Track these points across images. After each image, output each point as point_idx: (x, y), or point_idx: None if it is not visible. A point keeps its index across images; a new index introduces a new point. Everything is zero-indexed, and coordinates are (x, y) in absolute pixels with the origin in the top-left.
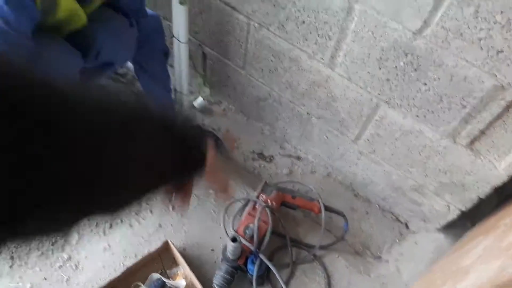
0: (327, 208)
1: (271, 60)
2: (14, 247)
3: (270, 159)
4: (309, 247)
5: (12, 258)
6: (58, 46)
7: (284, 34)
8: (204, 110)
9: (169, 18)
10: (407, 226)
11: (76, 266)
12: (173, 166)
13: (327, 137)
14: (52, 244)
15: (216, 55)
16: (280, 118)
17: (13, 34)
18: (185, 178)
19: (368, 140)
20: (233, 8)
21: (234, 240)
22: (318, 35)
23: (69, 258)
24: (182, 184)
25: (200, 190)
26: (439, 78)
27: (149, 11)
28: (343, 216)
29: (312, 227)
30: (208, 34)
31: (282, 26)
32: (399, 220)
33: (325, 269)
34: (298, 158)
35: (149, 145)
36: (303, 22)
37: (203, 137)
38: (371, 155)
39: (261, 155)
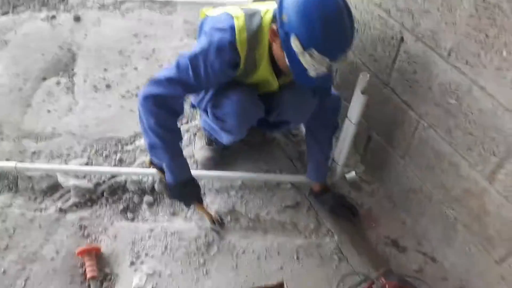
0: None
1: (431, 159)
2: None
3: (404, 250)
4: None
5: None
6: (248, 92)
7: (448, 139)
8: (354, 184)
9: (348, 100)
10: None
11: (207, 271)
12: None
13: (469, 249)
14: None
15: (380, 141)
16: (425, 214)
17: (208, 72)
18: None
19: None
20: (409, 106)
21: None
22: (483, 149)
23: (204, 263)
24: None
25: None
26: None
27: (333, 91)
28: None
29: None
30: (378, 121)
31: (449, 132)
32: None
33: None
34: (433, 259)
35: None
36: (471, 133)
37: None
38: None
39: (395, 243)
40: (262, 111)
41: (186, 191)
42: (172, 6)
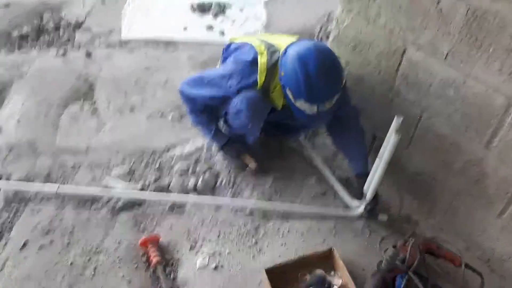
0: (468, 266)
1: (433, 142)
2: None
3: (416, 223)
4: None
5: None
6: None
7: (449, 123)
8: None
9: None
10: None
11: (260, 249)
12: None
13: (472, 212)
14: (246, 235)
15: (385, 137)
16: (431, 192)
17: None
18: None
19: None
20: (412, 103)
21: (394, 246)
22: (480, 124)
23: (256, 243)
24: None
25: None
26: None
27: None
28: (481, 276)
29: (448, 281)
30: (383, 122)
31: (449, 117)
32: None
33: None
34: (441, 229)
35: None
36: (466, 114)
37: None
38: None
39: (408, 219)
40: (268, 107)
41: (230, 150)
42: (174, 46)
